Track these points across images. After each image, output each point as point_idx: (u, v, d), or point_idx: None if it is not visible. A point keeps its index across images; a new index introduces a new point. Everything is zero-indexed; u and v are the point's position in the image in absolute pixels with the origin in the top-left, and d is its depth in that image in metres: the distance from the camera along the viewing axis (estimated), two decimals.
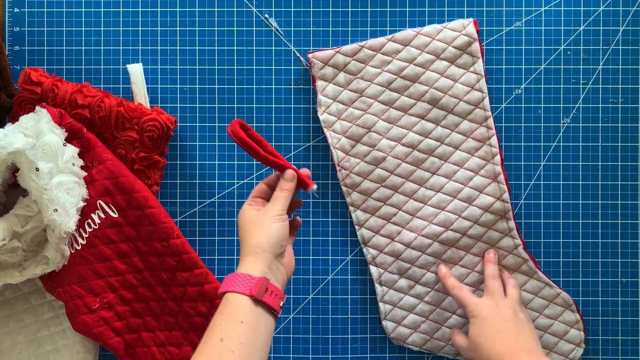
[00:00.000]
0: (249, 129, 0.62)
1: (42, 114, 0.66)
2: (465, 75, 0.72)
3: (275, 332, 0.75)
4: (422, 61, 0.72)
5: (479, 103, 0.72)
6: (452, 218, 0.72)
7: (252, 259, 0.57)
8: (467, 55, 0.72)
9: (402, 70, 0.72)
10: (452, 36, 0.72)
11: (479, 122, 0.72)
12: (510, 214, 0.72)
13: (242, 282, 0.56)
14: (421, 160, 0.72)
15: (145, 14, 0.75)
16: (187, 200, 0.75)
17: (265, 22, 0.75)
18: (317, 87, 0.73)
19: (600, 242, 0.75)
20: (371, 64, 0.72)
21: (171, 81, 0.75)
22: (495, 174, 0.72)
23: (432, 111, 0.72)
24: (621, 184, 0.75)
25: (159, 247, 0.68)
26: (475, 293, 0.72)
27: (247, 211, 0.61)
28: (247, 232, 0.59)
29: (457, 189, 0.72)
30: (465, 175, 0.72)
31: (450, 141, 0.72)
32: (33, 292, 0.73)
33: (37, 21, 0.75)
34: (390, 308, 0.73)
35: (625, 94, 0.74)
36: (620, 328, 0.75)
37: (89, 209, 0.67)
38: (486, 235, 0.72)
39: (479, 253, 0.73)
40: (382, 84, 0.72)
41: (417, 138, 0.72)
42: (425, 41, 0.72)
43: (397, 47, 0.72)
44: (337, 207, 0.75)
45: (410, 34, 0.72)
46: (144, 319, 0.70)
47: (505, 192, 0.72)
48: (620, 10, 0.74)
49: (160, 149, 0.71)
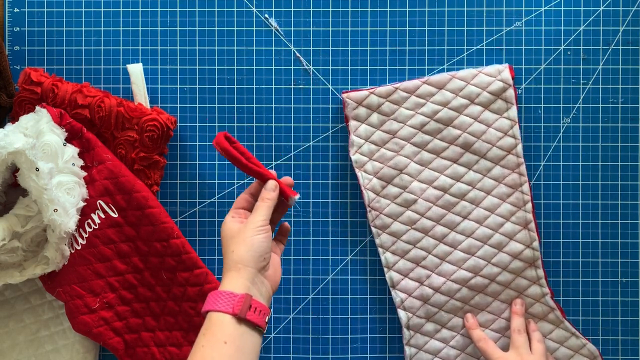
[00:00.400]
0: (234, 141, 0.63)
1: (42, 114, 0.66)
2: (498, 120, 0.72)
3: (275, 332, 0.75)
4: (456, 105, 0.72)
5: (512, 149, 0.72)
6: (482, 264, 0.72)
7: (235, 275, 0.57)
8: (501, 100, 0.72)
9: (435, 113, 0.72)
10: (487, 81, 0.72)
11: (511, 168, 0.72)
12: (539, 262, 0.72)
13: (225, 300, 0.55)
14: (452, 204, 0.72)
15: (145, 14, 0.75)
16: (187, 200, 0.75)
17: (265, 22, 0.75)
18: (349, 127, 0.73)
19: (600, 242, 0.75)
20: (405, 106, 0.72)
21: (171, 81, 0.75)
22: (526, 221, 0.72)
23: (465, 155, 0.72)
24: (621, 184, 0.75)
25: (159, 247, 0.68)
26: (501, 340, 0.72)
27: (229, 223, 0.60)
28: (229, 246, 0.59)
29: (488, 235, 0.72)
30: (496, 221, 0.72)
31: (482, 186, 0.72)
32: (33, 292, 0.73)
33: (37, 21, 0.75)
34: (415, 351, 0.73)
35: (625, 94, 0.74)
36: (620, 328, 0.75)
37: (89, 209, 0.67)
38: (514, 283, 0.72)
39: (506, 300, 0.72)
40: (415, 126, 0.72)
41: (449, 182, 0.72)
42: (460, 85, 0.72)
43: (431, 90, 0.72)
44: (337, 207, 0.75)
45: (445, 77, 0.72)
46: (144, 319, 0.70)
47: (535, 240, 0.71)
48: (620, 10, 0.74)
49: (160, 149, 0.71)
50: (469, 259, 0.72)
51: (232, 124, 0.75)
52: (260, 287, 0.58)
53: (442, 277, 0.72)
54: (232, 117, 0.75)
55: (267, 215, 0.60)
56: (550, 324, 0.72)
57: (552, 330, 0.72)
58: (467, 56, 0.75)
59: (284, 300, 0.75)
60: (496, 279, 0.72)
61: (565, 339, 0.72)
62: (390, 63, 0.75)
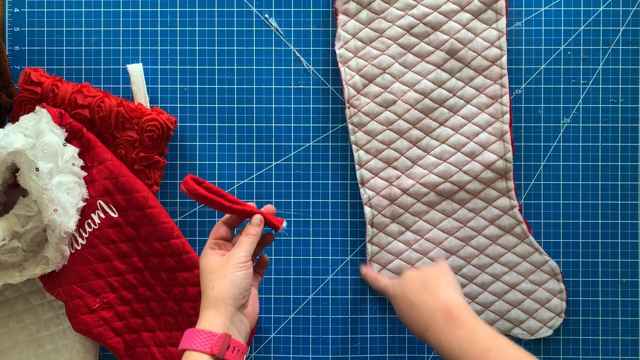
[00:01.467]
0: (202, 182, 0.61)
1: (42, 114, 0.66)
2: (487, 30, 0.72)
3: (275, 332, 0.75)
4: (446, 10, 0.72)
5: (496, 60, 0.72)
6: (453, 170, 0.72)
7: (213, 313, 0.56)
8: (491, 11, 0.72)
9: (425, 16, 0.72)
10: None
11: (494, 79, 0.72)
12: (511, 174, 0.72)
13: (203, 339, 0.54)
14: (431, 109, 0.72)
15: (145, 14, 0.75)
16: (187, 200, 0.75)
17: (265, 22, 0.75)
18: (337, 20, 0.73)
19: (600, 242, 0.75)
20: (395, 6, 0.72)
21: (171, 81, 0.75)
22: (502, 132, 0.72)
23: (449, 62, 0.72)
24: (621, 184, 0.75)
25: (159, 247, 0.68)
26: (464, 249, 0.73)
27: (209, 256, 0.59)
28: (208, 280, 0.58)
29: (462, 143, 0.72)
30: (472, 130, 0.72)
31: (463, 94, 0.72)
32: (33, 292, 0.73)
33: (37, 21, 0.75)
34: (377, 250, 0.74)
35: (625, 94, 0.74)
36: (620, 328, 0.75)
37: (89, 209, 0.67)
38: (483, 193, 0.73)
39: (473, 209, 0.73)
40: (403, 27, 0.72)
41: (430, 86, 0.72)
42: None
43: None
44: (337, 207, 0.75)
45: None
46: (144, 319, 0.70)
47: (509, 152, 0.72)
48: (620, 10, 0.74)
49: (160, 149, 0.71)
50: (440, 164, 0.72)
51: (232, 124, 0.75)
52: (238, 325, 0.58)
53: (411, 180, 0.72)
54: (232, 117, 0.75)
55: (250, 250, 0.59)
56: (515, 238, 0.73)
57: (517, 244, 0.73)
58: None
59: (284, 300, 0.75)
60: (465, 187, 0.72)
61: (529, 254, 0.73)
62: None
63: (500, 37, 0.72)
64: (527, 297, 0.73)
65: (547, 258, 0.73)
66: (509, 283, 0.73)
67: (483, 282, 0.73)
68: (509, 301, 0.73)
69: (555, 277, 0.73)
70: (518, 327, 0.73)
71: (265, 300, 0.75)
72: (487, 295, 0.73)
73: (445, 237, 0.73)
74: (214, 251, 0.60)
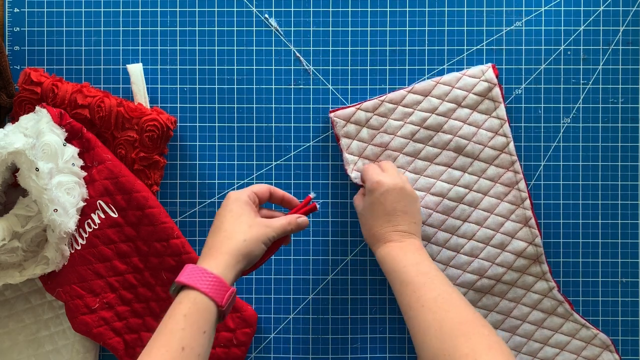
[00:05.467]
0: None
1: (42, 114, 0.66)
2: (488, 120, 0.72)
3: (275, 332, 0.75)
4: (443, 110, 0.72)
5: (504, 148, 0.72)
6: (486, 265, 0.72)
7: (232, 262, 0.54)
8: (488, 100, 0.72)
9: (424, 120, 0.72)
10: (472, 83, 0.72)
11: (506, 167, 0.72)
12: (543, 257, 0.72)
13: (218, 288, 0.52)
14: (451, 208, 0.72)
15: (145, 14, 0.75)
16: (187, 200, 0.75)
17: (265, 22, 0.75)
18: (341, 145, 0.73)
19: (600, 242, 0.75)
20: (393, 117, 0.72)
21: (171, 81, 0.75)
22: (526, 218, 0.72)
23: (458, 159, 0.72)
24: (621, 184, 0.75)
25: (159, 247, 0.68)
26: (512, 338, 0.72)
27: (245, 206, 0.58)
28: (235, 225, 0.56)
29: (489, 236, 0.72)
30: (496, 221, 0.72)
31: (479, 187, 0.72)
32: (33, 292, 0.73)
33: (37, 21, 0.75)
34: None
35: (625, 94, 0.74)
36: (620, 328, 0.75)
37: (89, 209, 0.67)
38: (520, 280, 0.72)
39: (514, 298, 0.72)
40: (405, 136, 0.72)
41: (446, 187, 0.72)
42: (445, 90, 0.72)
43: (417, 98, 0.72)
44: (337, 207, 0.75)
45: (430, 84, 0.72)
46: (144, 319, 0.70)
47: (537, 237, 0.72)
48: (620, 10, 0.74)
49: (160, 149, 0.71)
50: (473, 261, 0.72)
51: (232, 124, 0.75)
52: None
53: None
54: (232, 117, 0.75)
55: (281, 235, 0.60)
56: (560, 318, 0.72)
57: (563, 323, 0.72)
58: (467, 56, 0.75)
59: (284, 300, 0.75)
60: (502, 279, 0.72)
61: (576, 331, 0.72)
62: (390, 63, 0.75)
63: (503, 125, 0.72)
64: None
65: (596, 331, 0.72)
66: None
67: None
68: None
69: (607, 349, 0.72)
70: None
71: (265, 300, 0.75)
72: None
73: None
74: (250, 201, 0.60)
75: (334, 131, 0.73)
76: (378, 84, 0.75)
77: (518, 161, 0.72)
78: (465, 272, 0.72)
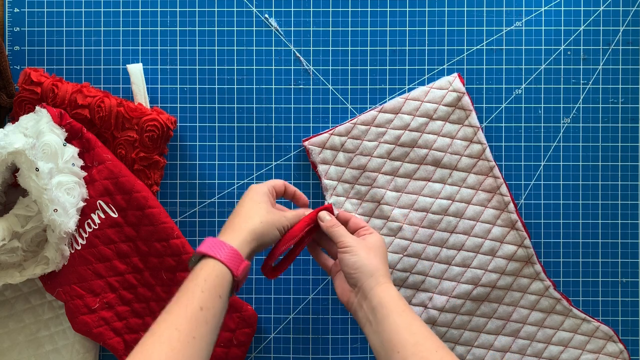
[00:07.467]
0: (271, 260, 0.64)
1: (42, 114, 0.66)
2: (461, 130, 0.72)
3: (275, 332, 0.75)
4: (416, 125, 0.72)
5: (480, 155, 0.72)
6: (479, 274, 0.72)
7: (248, 239, 0.58)
8: (459, 110, 0.72)
9: (398, 138, 0.72)
10: (440, 95, 0.72)
11: (485, 174, 0.72)
12: (535, 258, 0.72)
13: (235, 259, 0.55)
14: (437, 222, 0.72)
15: (145, 14, 0.75)
16: (187, 200, 0.75)
17: (265, 22, 0.75)
18: (318, 172, 0.73)
19: (600, 242, 0.75)
20: (367, 139, 0.73)
21: (171, 81, 0.75)
22: (512, 222, 0.72)
23: (437, 172, 0.72)
24: (621, 184, 0.75)
25: (159, 247, 0.68)
26: (515, 342, 0.72)
27: (264, 196, 0.62)
28: (254, 209, 0.60)
29: (478, 244, 0.72)
30: (483, 228, 0.72)
31: (461, 197, 0.72)
32: (33, 292, 0.73)
33: (37, 21, 0.75)
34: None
35: (625, 94, 0.74)
36: (620, 328, 0.75)
37: (89, 209, 0.67)
38: (515, 283, 0.72)
39: (511, 302, 0.72)
40: (382, 155, 0.72)
41: (429, 201, 0.72)
42: (415, 105, 0.72)
43: (388, 117, 0.72)
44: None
45: (399, 101, 0.72)
46: (144, 319, 0.70)
47: (525, 239, 0.72)
48: (620, 10, 0.74)
49: (160, 149, 0.71)
50: (465, 271, 0.72)
51: (232, 124, 0.75)
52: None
53: (444, 296, 0.72)
54: (232, 117, 0.75)
55: (294, 223, 0.63)
56: (559, 315, 0.73)
57: (563, 320, 0.73)
58: (467, 56, 0.75)
59: (284, 300, 0.75)
60: (497, 285, 0.72)
61: (577, 326, 0.73)
62: (390, 63, 0.75)
63: (477, 132, 0.72)
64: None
65: (597, 324, 0.72)
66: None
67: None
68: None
69: (611, 340, 0.72)
70: None
71: (265, 300, 0.75)
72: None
73: (494, 337, 0.72)
74: (269, 193, 0.63)
75: (309, 159, 0.73)
76: (378, 84, 0.75)
77: (497, 166, 0.72)
78: (459, 283, 0.72)
